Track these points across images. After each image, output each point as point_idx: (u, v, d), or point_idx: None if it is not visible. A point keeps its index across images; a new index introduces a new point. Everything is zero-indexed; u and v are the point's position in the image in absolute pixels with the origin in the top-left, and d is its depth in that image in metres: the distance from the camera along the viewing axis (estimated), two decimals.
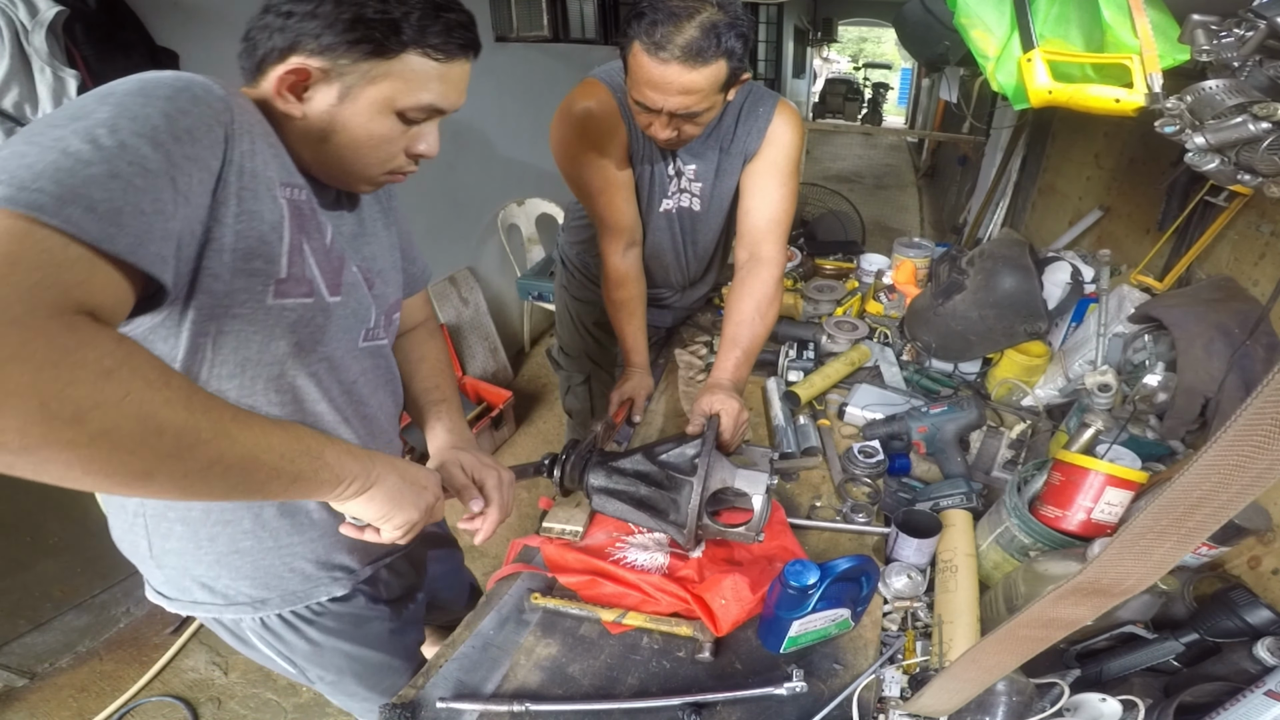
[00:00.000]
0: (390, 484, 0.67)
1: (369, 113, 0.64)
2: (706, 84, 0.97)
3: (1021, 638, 0.57)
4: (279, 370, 0.67)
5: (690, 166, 1.26)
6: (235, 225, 0.57)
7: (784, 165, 1.22)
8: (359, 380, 0.78)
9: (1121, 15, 1.05)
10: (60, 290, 0.41)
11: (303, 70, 0.61)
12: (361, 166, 0.68)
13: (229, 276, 0.58)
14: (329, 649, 0.91)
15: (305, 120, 0.64)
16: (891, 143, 10.37)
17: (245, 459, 0.51)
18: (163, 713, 1.71)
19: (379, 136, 0.66)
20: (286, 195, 0.63)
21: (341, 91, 0.63)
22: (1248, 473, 0.38)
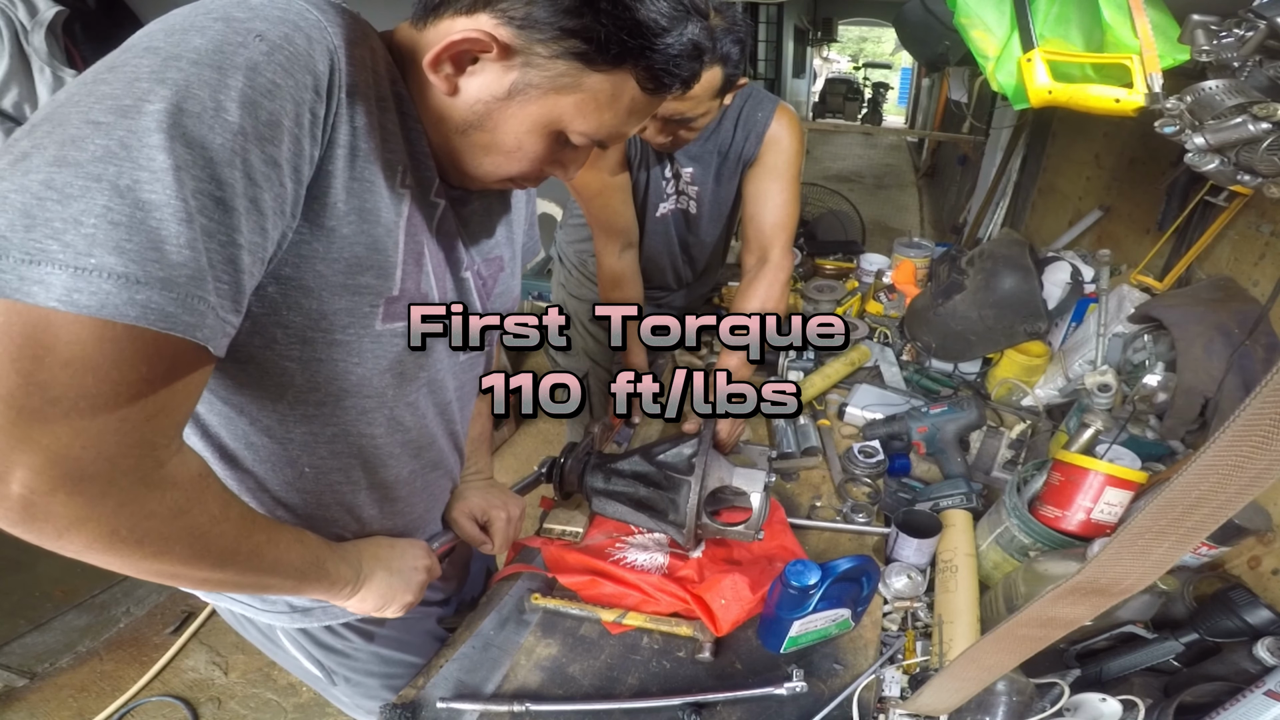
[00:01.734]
0: (378, 582, 0.66)
1: (530, 124, 0.51)
2: (700, 90, 0.97)
3: (1021, 637, 0.57)
4: (375, 403, 0.58)
5: (688, 170, 1.27)
6: (343, 228, 0.46)
7: (785, 169, 1.23)
8: (453, 401, 0.70)
9: (1121, 15, 1.05)
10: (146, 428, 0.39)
11: (484, 42, 0.47)
12: (490, 170, 0.56)
13: (329, 294, 0.48)
14: (366, 654, 0.86)
15: (454, 100, 0.51)
16: (891, 142, 10.37)
17: (265, 572, 0.52)
18: (163, 713, 1.71)
19: (529, 152, 0.54)
20: (410, 183, 0.52)
21: (515, 86, 0.49)
22: (1247, 472, 0.38)
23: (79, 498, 0.37)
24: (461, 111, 0.51)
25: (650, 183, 1.28)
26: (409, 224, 0.52)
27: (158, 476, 0.41)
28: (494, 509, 0.88)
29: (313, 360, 0.50)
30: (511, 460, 2.70)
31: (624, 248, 1.32)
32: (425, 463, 0.71)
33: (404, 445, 0.66)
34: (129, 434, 0.38)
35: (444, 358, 0.64)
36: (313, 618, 0.77)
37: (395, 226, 0.50)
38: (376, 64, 0.48)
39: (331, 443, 0.58)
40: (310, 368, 0.51)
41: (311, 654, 0.83)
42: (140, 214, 0.35)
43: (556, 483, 1.02)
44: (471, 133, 0.52)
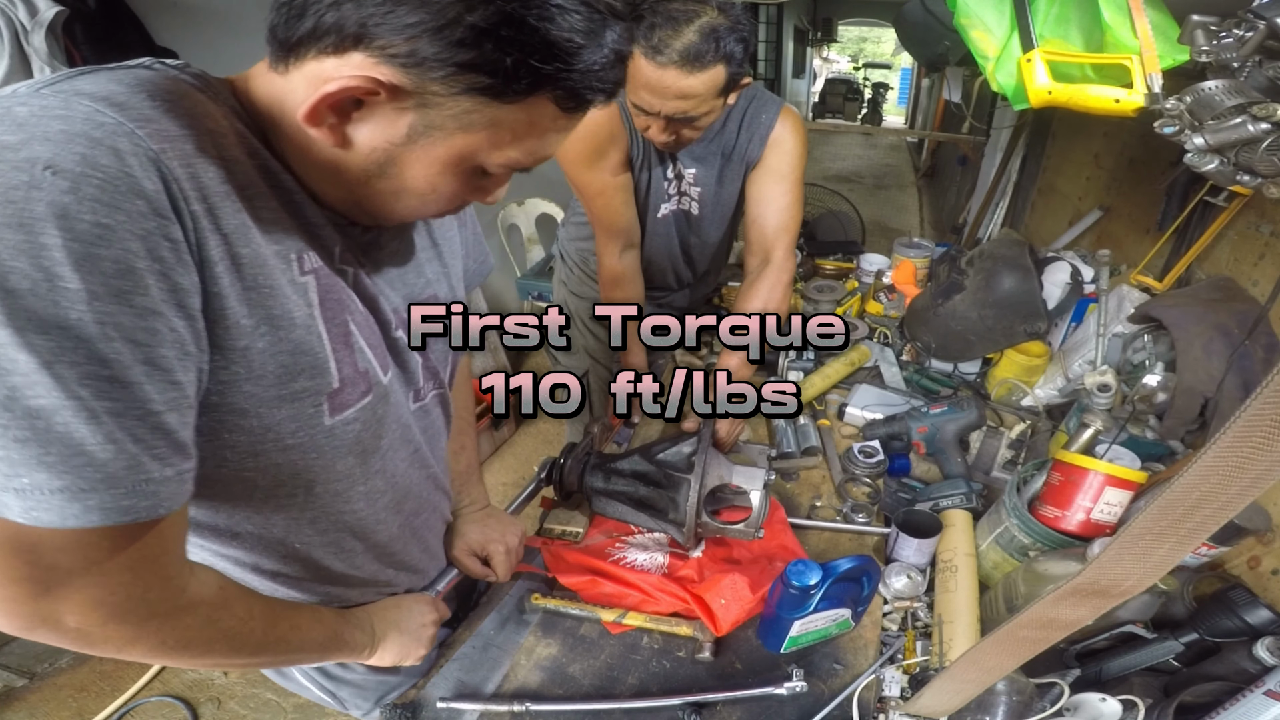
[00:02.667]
0: (391, 642, 0.71)
1: (440, 165, 0.45)
2: (704, 89, 0.96)
3: (1021, 638, 0.57)
4: (346, 484, 0.56)
5: (691, 170, 1.27)
6: (256, 344, 0.42)
7: (788, 172, 1.23)
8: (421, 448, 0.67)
9: (1121, 16, 1.05)
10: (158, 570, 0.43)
11: (369, 88, 0.39)
12: (403, 214, 0.51)
13: (266, 410, 0.45)
14: (375, 681, 0.86)
15: (345, 151, 0.43)
16: (891, 143, 10.37)
17: (294, 651, 0.58)
18: (162, 713, 1.71)
19: (442, 193, 0.48)
20: (311, 266, 0.46)
21: (415, 129, 0.42)
22: (1247, 473, 0.38)
23: (127, 626, 0.43)
24: (358, 162, 0.44)
25: (652, 183, 1.28)
26: (324, 310, 0.47)
27: (185, 600, 0.46)
28: (492, 543, 0.89)
29: (270, 466, 0.48)
30: (511, 460, 2.70)
31: (625, 248, 1.32)
32: (408, 513, 0.70)
33: (386, 508, 0.64)
34: (142, 578, 0.42)
35: (395, 414, 0.60)
36: None
37: (312, 320, 0.46)
38: (224, 146, 0.41)
39: (313, 524, 0.57)
40: (269, 473, 0.49)
41: (320, 683, 0.85)
42: (40, 423, 0.33)
43: (556, 483, 1.02)
44: (375, 182, 0.46)
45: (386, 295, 0.57)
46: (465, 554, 0.89)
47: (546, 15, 0.39)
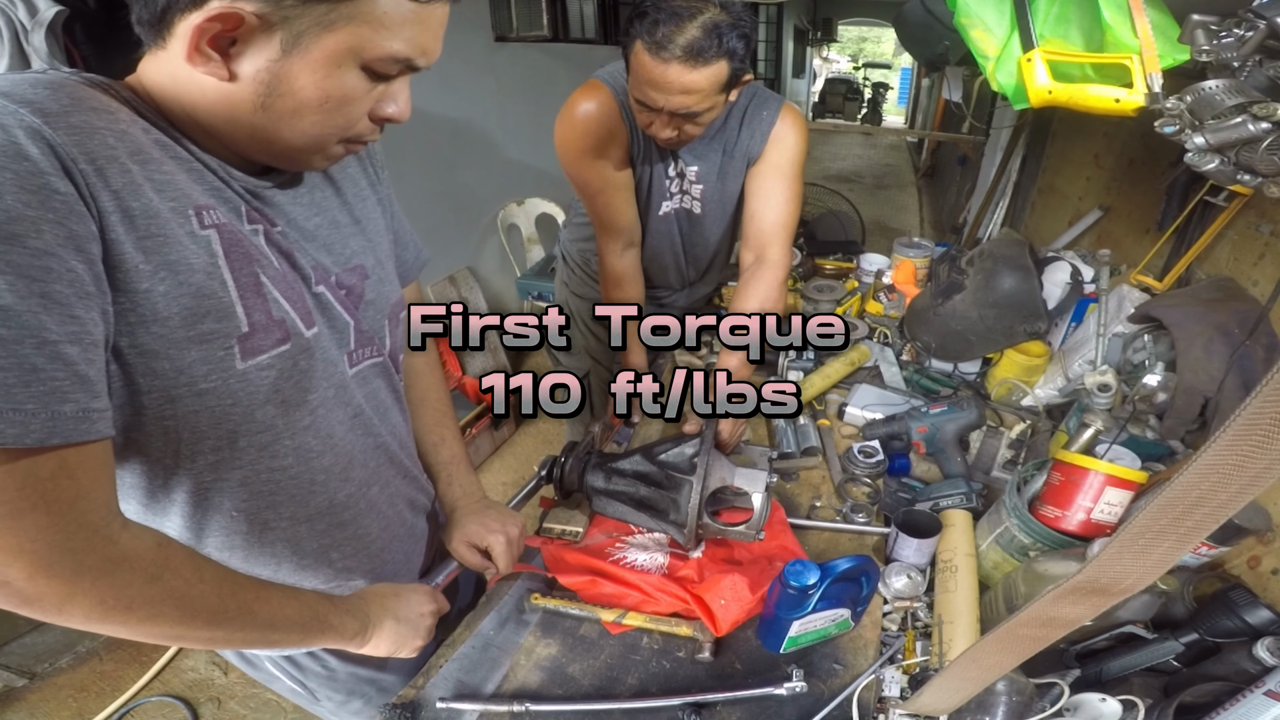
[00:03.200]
0: (387, 630, 0.69)
1: (326, 67, 0.49)
2: (707, 84, 0.97)
3: (1021, 637, 0.57)
4: (270, 437, 0.57)
5: (693, 168, 1.27)
6: (157, 287, 0.46)
7: (788, 168, 1.23)
8: (364, 413, 0.68)
9: (1121, 15, 1.05)
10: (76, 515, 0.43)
11: (232, 16, 0.44)
12: (314, 137, 0.53)
13: (176, 351, 0.48)
14: (344, 674, 0.87)
15: (235, 85, 0.48)
16: (891, 143, 10.37)
17: (264, 629, 0.56)
18: (163, 713, 1.71)
19: (339, 97, 0.51)
20: (213, 221, 0.50)
21: (287, 42, 0.47)
22: (1247, 472, 0.38)
23: (56, 581, 0.43)
24: (249, 89, 0.48)
25: (653, 181, 1.28)
26: (230, 260, 0.50)
27: (116, 552, 0.46)
28: (492, 534, 0.88)
29: (187, 414, 0.51)
30: (512, 460, 2.70)
31: (626, 246, 1.31)
32: (358, 482, 0.70)
33: (324, 470, 0.64)
34: (63, 525, 0.42)
35: (326, 372, 0.61)
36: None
37: (215, 268, 0.49)
38: (113, 121, 0.45)
39: (245, 484, 0.58)
40: (188, 420, 0.51)
41: (294, 675, 0.86)
42: None
43: (557, 482, 1.02)
44: (271, 102, 0.49)
45: (304, 250, 0.60)
46: (464, 545, 0.88)
47: None
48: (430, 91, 2.60)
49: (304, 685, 0.87)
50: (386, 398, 0.73)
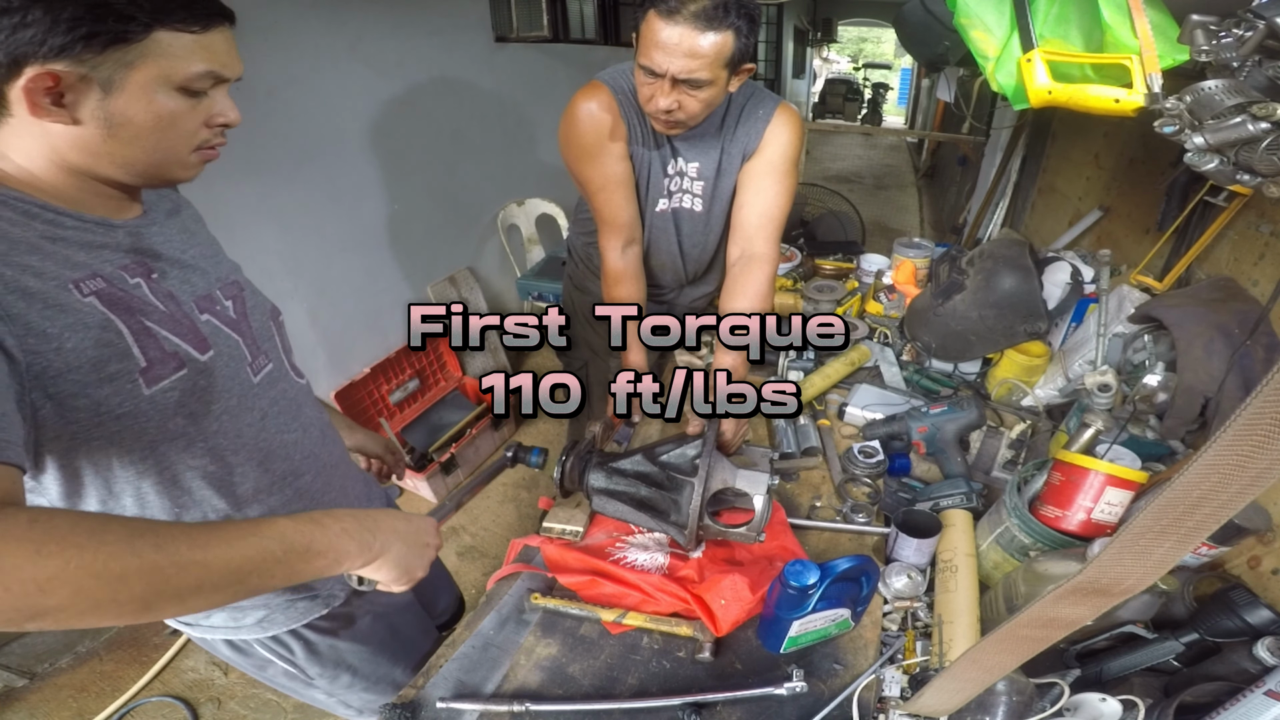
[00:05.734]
0: (396, 553, 0.68)
1: (145, 95, 0.59)
2: (712, 51, 0.99)
3: (1022, 638, 0.57)
4: (185, 442, 0.68)
5: (693, 165, 1.27)
6: (66, 344, 0.56)
7: (780, 164, 1.23)
8: (268, 414, 0.78)
9: (1121, 15, 1.05)
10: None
11: (48, 75, 0.55)
12: (164, 150, 0.64)
13: (92, 390, 0.58)
14: (325, 648, 0.94)
15: (82, 127, 0.59)
16: (891, 143, 10.37)
17: (227, 574, 0.52)
18: (163, 713, 1.71)
19: (167, 115, 0.62)
20: (92, 289, 0.60)
21: (104, 84, 0.57)
22: (1247, 472, 0.38)
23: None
24: (93, 126, 0.59)
25: (651, 178, 1.29)
26: (119, 313, 0.61)
27: None
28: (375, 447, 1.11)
29: (114, 432, 0.61)
30: None
31: (627, 244, 1.32)
32: (280, 474, 0.79)
33: (240, 465, 0.74)
34: None
35: (228, 385, 0.72)
36: (276, 624, 0.86)
37: (106, 323, 0.59)
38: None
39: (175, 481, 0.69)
40: (116, 437, 0.62)
41: (284, 656, 0.91)
42: None
43: (557, 479, 1.02)
44: (116, 132, 0.60)
45: (188, 281, 0.72)
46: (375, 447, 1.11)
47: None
48: (430, 92, 2.60)
49: (294, 665, 0.93)
50: (295, 395, 0.84)
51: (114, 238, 0.66)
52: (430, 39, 2.55)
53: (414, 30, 2.45)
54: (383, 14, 2.28)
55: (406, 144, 2.53)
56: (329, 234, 2.24)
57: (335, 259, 2.30)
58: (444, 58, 2.64)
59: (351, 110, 2.21)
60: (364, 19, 2.21)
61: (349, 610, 0.95)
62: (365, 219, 2.42)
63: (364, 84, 2.25)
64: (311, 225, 2.16)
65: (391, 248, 2.56)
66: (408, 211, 2.61)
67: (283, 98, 1.93)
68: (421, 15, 2.48)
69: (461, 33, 2.74)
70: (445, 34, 2.63)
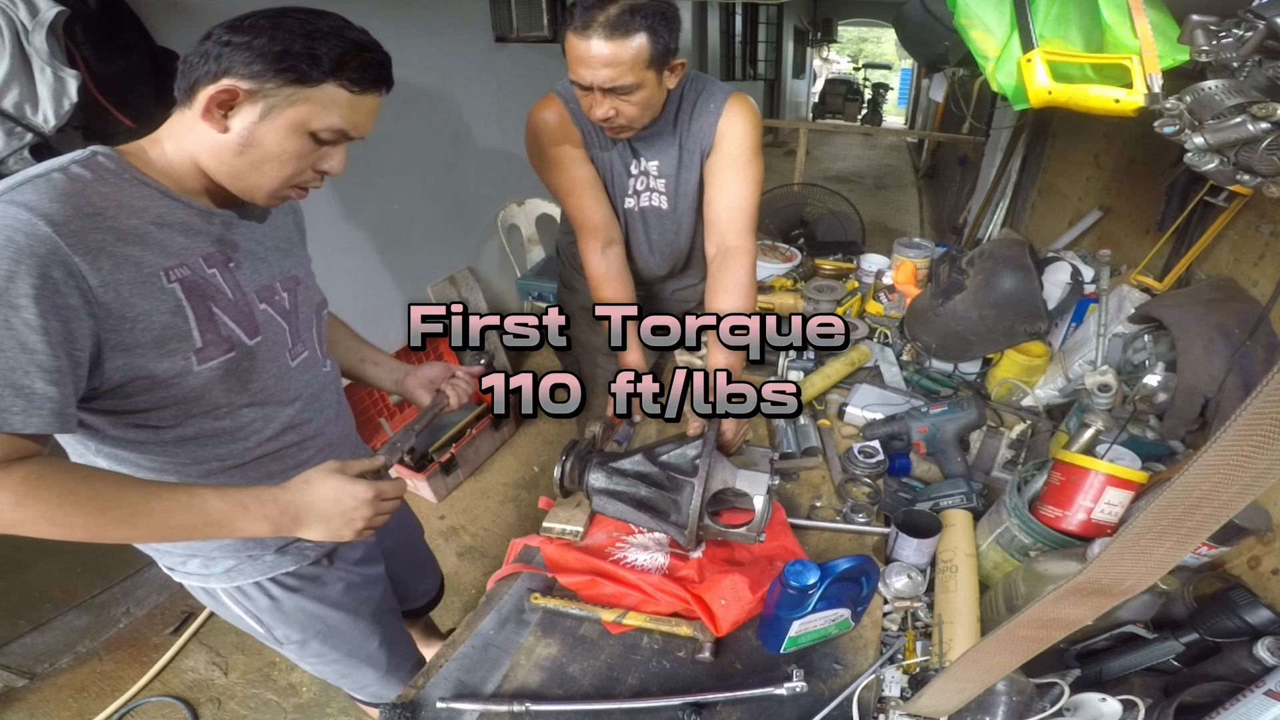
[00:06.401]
0: (318, 530, 0.78)
1: (285, 130, 0.71)
2: (628, 56, 1.02)
3: (1022, 638, 0.57)
4: (216, 410, 0.80)
5: (653, 163, 1.29)
6: (140, 322, 0.67)
7: (739, 155, 1.24)
8: (302, 395, 0.90)
9: (1121, 16, 1.05)
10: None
11: (233, 90, 0.68)
12: (270, 179, 0.74)
13: (153, 362, 0.70)
14: (291, 606, 0.99)
15: (225, 136, 0.71)
16: (891, 143, 10.37)
17: (152, 534, 0.70)
18: (163, 713, 1.71)
19: (291, 152, 0.73)
20: (178, 276, 0.71)
21: (264, 111, 0.70)
22: (1248, 473, 0.38)
23: None
24: (234, 139, 0.71)
25: (614, 179, 1.32)
26: (190, 300, 0.72)
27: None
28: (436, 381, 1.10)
29: (165, 396, 0.73)
30: (511, 460, 2.70)
31: (606, 245, 1.33)
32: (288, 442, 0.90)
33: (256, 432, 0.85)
34: None
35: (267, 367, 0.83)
36: (244, 575, 0.93)
37: (180, 307, 0.71)
38: (119, 209, 0.67)
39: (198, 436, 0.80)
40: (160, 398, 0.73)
41: (249, 609, 0.98)
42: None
43: (557, 479, 1.02)
44: (246, 151, 0.71)
45: (257, 269, 0.82)
46: (418, 388, 1.09)
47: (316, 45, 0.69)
48: (431, 92, 2.60)
49: (259, 620, 1.00)
50: (322, 381, 0.95)
51: (210, 226, 0.76)
52: (430, 39, 2.55)
53: (414, 30, 2.45)
54: (383, 14, 2.28)
55: (406, 144, 2.53)
56: (329, 233, 2.24)
57: (335, 259, 2.30)
58: (444, 58, 2.64)
59: None
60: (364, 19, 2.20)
61: (319, 572, 1.01)
62: (365, 219, 2.42)
63: None
64: (311, 224, 2.16)
65: (391, 248, 2.57)
66: (408, 211, 2.61)
67: None
68: (421, 15, 2.48)
69: (461, 33, 2.74)
70: (445, 34, 2.63)
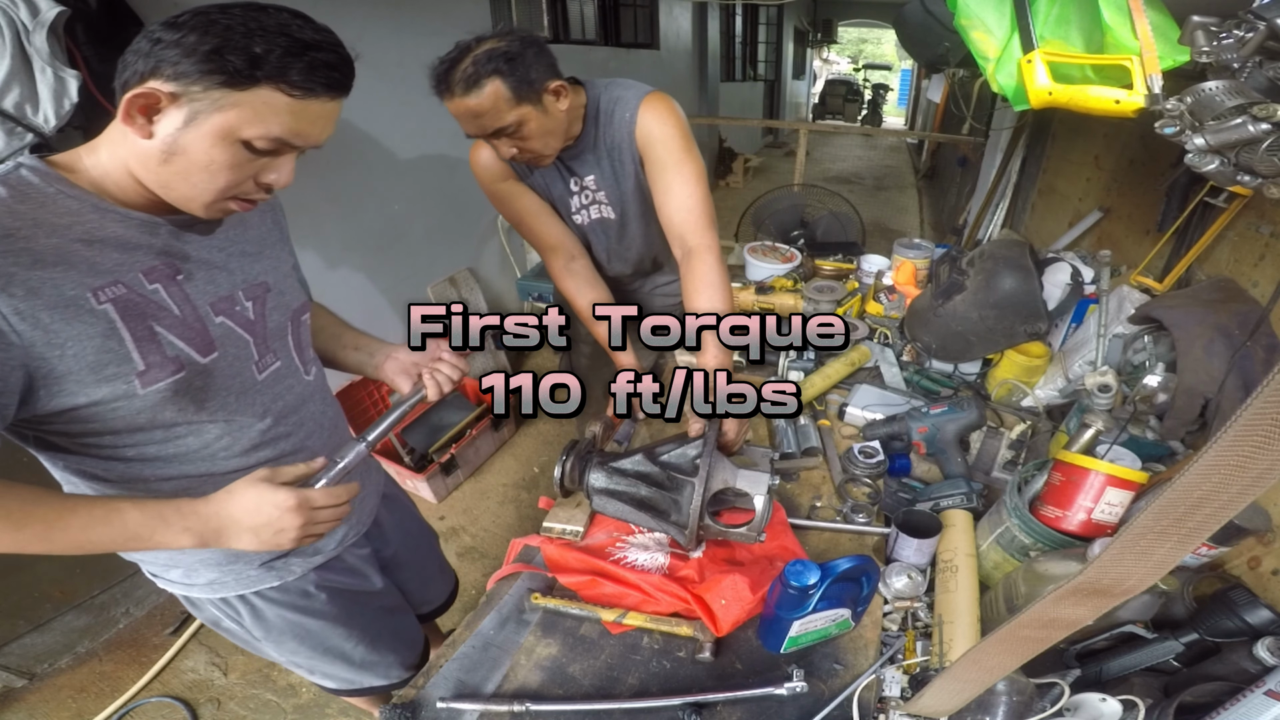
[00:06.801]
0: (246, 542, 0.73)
1: (211, 139, 0.65)
2: (489, 103, 1.08)
3: (1022, 638, 0.57)
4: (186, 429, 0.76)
5: (589, 178, 1.30)
6: (69, 348, 0.63)
7: (669, 158, 1.21)
8: (270, 409, 0.85)
9: (1121, 16, 1.05)
10: None
11: (152, 94, 0.62)
12: (201, 190, 0.68)
13: (92, 389, 0.66)
14: (273, 615, 0.97)
15: (150, 142, 0.65)
16: (891, 144, 10.38)
17: (70, 548, 0.66)
18: (162, 713, 1.71)
19: (220, 163, 0.66)
20: (110, 296, 0.66)
21: (189, 116, 0.63)
22: (1248, 473, 0.39)
23: None
24: (158, 146, 0.65)
25: (559, 198, 1.35)
26: (126, 320, 0.67)
27: None
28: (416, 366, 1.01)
29: (112, 418, 0.70)
30: (511, 461, 2.70)
31: (568, 260, 1.37)
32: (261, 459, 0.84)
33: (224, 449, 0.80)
34: None
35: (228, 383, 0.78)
36: (226, 588, 0.92)
37: (112, 330, 0.66)
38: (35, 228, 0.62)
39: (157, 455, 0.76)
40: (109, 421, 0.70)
41: (232, 617, 0.96)
42: None
43: (557, 479, 1.02)
44: (171, 160, 0.66)
45: (213, 280, 0.77)
46: (397, 373, 1.01)
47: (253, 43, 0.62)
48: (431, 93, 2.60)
49: (241, 626, 0.98)
50: (301, 391, 0.90)
51: (153, 238, 0.71)
52: (430, 39, 2.55)
53: (414, 30, 2.46)
54: (383, 14, 2.29)
55: (407, 144, 2.53)
56: (329, 234, 2.24)
57: (335, 259, 2.30)
58: None
59: (351, 110, 2.21)
60: (364, 19, 2.21)
61: (304, 585, 0.98)
62: (365, 219, 2.42)
63: (364, 84, 2.24)
64: (311, 225, 2.16)
65: (391, 248, 2.57)
66: (408, 212, 2.61)
67: None
68: (421, 15, 2.48)
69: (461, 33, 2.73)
70: (445, 34, 2.62)
